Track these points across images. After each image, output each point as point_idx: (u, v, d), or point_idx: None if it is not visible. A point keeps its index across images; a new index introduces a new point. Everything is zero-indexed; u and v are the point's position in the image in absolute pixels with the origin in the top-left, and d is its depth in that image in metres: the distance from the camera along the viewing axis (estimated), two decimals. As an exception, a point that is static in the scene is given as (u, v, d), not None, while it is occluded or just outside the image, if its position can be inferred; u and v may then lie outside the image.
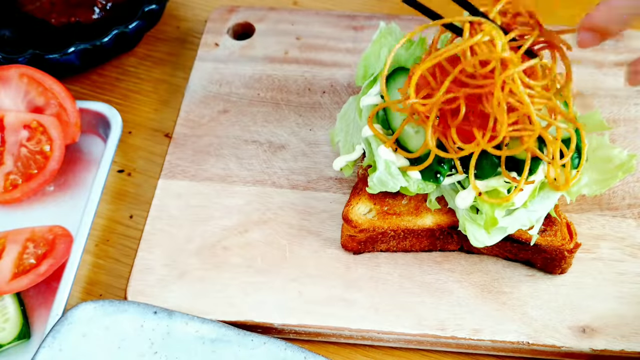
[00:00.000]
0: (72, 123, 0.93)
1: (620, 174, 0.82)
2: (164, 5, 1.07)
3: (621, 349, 0.78)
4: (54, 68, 0.97)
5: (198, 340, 0.77)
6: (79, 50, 0.97)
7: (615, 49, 1.03)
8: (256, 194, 0.90)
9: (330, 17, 1.08)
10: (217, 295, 0.82)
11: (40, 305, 0.84)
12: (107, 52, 1.01)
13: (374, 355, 0.82)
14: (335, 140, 0.90)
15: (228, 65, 1.03)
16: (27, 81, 0.94)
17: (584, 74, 1.00)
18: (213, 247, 0.85)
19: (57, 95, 0.93)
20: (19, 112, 0.93)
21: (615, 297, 0.81)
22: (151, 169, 0.97)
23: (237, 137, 0.95)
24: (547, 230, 0.81)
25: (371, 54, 0.92)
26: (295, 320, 0.80)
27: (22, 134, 0.92)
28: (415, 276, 0.83)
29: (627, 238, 0.86)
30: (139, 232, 0.90)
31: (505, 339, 0.79)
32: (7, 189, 0.90)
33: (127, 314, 0.77)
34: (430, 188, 0.81)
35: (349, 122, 0.89)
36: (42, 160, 0.91)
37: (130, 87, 1.06)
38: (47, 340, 0.75)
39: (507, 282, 0.83)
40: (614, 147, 0.84)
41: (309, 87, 1.00)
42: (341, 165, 0.86)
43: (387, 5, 1.17)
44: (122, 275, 0.87)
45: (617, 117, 0.96)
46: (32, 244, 0.86)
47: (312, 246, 0.85)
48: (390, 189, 0.81)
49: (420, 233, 0.83)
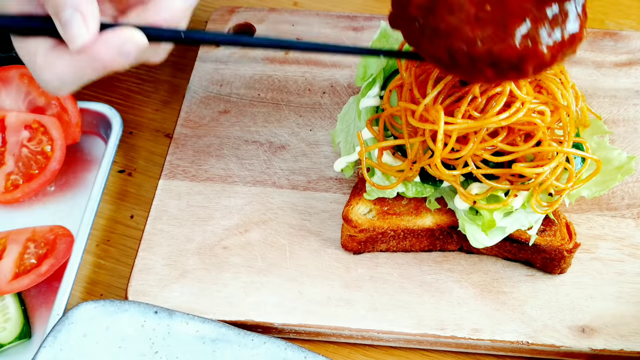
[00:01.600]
0: (73, 123, 0.94)
1: (619, 177, 0.82)
2: None
3: (620, 349, 0.78)
4: None
5: (198, 340, 0.77)
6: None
7: (615, 49, 1.03)
8: (256, 194, 0.90)
9: (330, 18, 1.08)
10: (217, 295, 0.82)
11: (41, 305, 0.84)
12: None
13: (373, 354, 0.82)
14: (336, 141, 0.90)
15: (228, 66, 1.03)
16: (28, 81, 0.94)
17: (583, 75, 1.00)
18: (213, 247, 0.86)
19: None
20: (20, 113, 0.93)
21: (614, 297, 0.81)
22: (152, 169, 0.97)
23: (237, 138, 0.95)
24: (547, 231, 0.81)
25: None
26: (296, 320, 0.80)
27: (23, 134, 0.92)
28: (415, 276, 0.83)
29: (626, 238, 0.86)
30: (139, 232, 0.90)
31: (505, 338, 0.79)
32: (8, 189, 0.90)
33: (127, 313, 0.78)
34: (428, 192, 0.81)
35: (350, 122, 0.90)
36: (43, 160, 0.92)
37: (131, 87, 1.06)
38: (48, 340, 0.75)
39: (506, 282, 0.83)
40: (613, 149, 0.84)
41: (309, 88, 1.01)
42: (342, 167, 0.86)
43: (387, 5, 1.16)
44: (123, 275, 0.87)
45: (617, 117, 0.96)
46: (33, 243, 0.86)
47: (312, 246, 0.86)
48: (388, 195, 0.81)
49: (420, 233, 0.83)
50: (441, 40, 0.64)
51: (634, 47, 1.03)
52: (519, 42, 0.63)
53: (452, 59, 0.65)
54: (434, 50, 0.65)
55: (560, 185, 0.76)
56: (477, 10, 0.64)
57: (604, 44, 1.04)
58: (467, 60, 0.64)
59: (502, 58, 0.63)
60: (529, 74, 0.65)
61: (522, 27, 0.63)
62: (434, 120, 0.72)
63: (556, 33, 0.64)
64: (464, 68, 0.65)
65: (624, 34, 1.05)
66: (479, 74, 0.65)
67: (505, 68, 0.64)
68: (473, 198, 0.77)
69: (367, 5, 1.17)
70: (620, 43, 1.04)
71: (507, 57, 0.63)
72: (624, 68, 1.01)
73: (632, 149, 0.93)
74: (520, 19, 0.63)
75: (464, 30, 0.64)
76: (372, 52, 0.79)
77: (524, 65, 0.64)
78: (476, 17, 0.64)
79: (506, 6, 0.64)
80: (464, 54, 0.64)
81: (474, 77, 0.66)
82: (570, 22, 0.64)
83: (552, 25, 0.64)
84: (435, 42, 0.65)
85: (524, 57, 0.63)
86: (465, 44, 0.63)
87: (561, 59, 0.65)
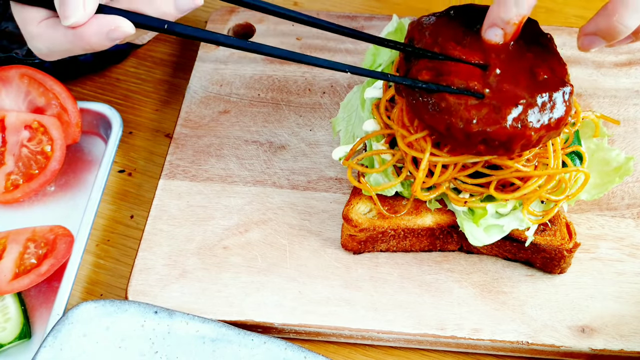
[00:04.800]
0: (73, 123, 0.93)
1: (617, 179, 0.82)
2: None
3: (620, 349, 0.78)
4: (68, 68, 0.98)
5: (198, 340, 0.77)
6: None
7: (615, 49, 1.03)
8: (256, 194, 0.90)
9: (330, 18, 1.08)
10: (217, 295, 0.82)
11: (41, 305, 0.84)
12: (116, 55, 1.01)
13: (373, 354, 0.82)
14: (337, 129, 0.90)
15: (228, 66, 1.03)
16: (28, 82, 0.94)
17: (583, 75, 1.00)
18: (213, 247, 0.86)
19: (58, 95, 0.94)
20: (20, 113, 0.93)
21: (614, 297, 0.81)
22: (152, 169, 0.97)
23: (237, 138, 0.95)
24: (547, 230, 0.81)
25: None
26: (296, 320, 0.80)
27: (23, 134, 0.92)
28: (415, 276, 0.83)
29: (626, 238, 0.86)
30: (139, 232, 0.90)
31: (505, 338, 0.79)
32: (8, 189, 0.90)
33: (127, 313, 0.78)
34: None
35: (352, 111, 0.90)
36: (43, 160, 0.92)
37: (130, 87, 1.06)
38: (48, 340, 0.75)
39: (506, 282, 0.83)
40: (612, 149, 0.84)
41: (309, 88, 1.01)
42: (340, 155, 0.85)
43: (387, 6, 1.17)
44: (123, 275, 0.87)
45: (616, 117, 0.96)
46: (33, 243, 0.86)
47: (312, 246, 0.86)
48: (386, 192, 0.81)
49: (420, 232, 0.83)
50: (441, 116, 0.71)
51: (635, 46, 1.03)
52: (510, 125, 0.70)
53: (449, 133, 0.71)
54: (433, 123, 0.72)
55: (551, 198, 0.78)
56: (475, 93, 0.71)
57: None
58: (463, 135, 0.71)
59: (494, 137, 0.70)
60: (516, 152, 0.72)
61: (514, 111, 0.70)
62: (421, 149, 0.77)
63: (544, 117, 0.71)
64: (459, 142, 0.72)
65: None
66: (472, 148, 0.72)
67: (495, 146, 0.71)
68: (464, 200, 0.78)
69: (367, 5, 1.17)
70: (620, 43, 1.04)
71: (498, 137, 0.70)
72: (624, 68, 1.02)
73: (632, 149, 0.93)
74: (513, 105, 0.71)
75: (462, 110, 0.70)
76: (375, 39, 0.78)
77: (512, 145, 0.71)
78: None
79: (503, 92, 0.71)
80: (460, 130, 0.71)
81: (467, 150, 0.73)
82: (557, 109, 0.72)
83: (541, 111, 0.71)
84: (435, 117, 0.72)
85: (513, 138, 0.70)
86: (462, 122, 0.70)
87: (547, 140, 0.73)
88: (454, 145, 0.74)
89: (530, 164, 0.77)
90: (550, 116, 0.71)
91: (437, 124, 0.72)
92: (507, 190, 0.78)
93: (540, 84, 0.72)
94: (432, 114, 0.72)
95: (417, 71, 0.74)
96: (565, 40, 1.04)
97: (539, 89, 0.72)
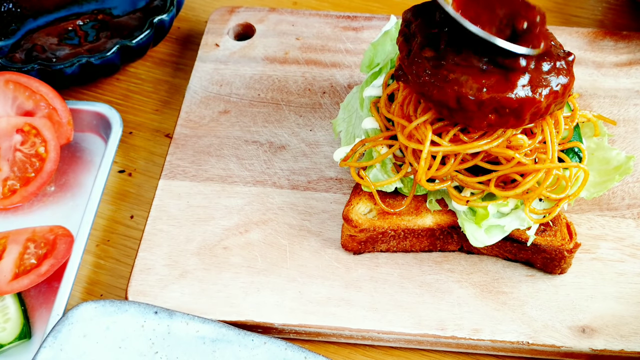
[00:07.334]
0: (64, 122, 0.93)
1: (617, 177, 0.82)
2: (173, 17, 1.05)
3: (620, 349, 0.78)
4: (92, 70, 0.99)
5: (198, 340, 0.77)
6: (118, 49, 0.98)
7: (615, 49, 1.03)
8: (256, 194, 0.90)
9: (330, 18, 1.08)
10: (217, 295, 0.82)
11: (41, 305, 0.84)
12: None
13: (373, 355, 0.82)
14: (337, 130, 0.90)
15: (228, 66, 1.03)
16: (14, 87, 0.93)
17: (583, 75, 1.00)
18: (213, 247, 0.86)
19: (45, 96, 0.93)
20: (10, 117, 0.92)
21: (614, 297, 0.81)
22: (152, 169, 0.97)
23: (237, 138, 0.95)
24: (547, 231, 0.81)
25: (379, 43, 0.92)
26: (296, 320, 0.80)
27: (16, 138, 0.92)
28: (415, 276, 0.83)
29: (626, 238, 0.86)
30: (139, 232, 0.90)
31: (505, 338, 0.79)
32: (6, 195, 0.90)
33: (127, 314, 0.77)
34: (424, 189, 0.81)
35: (352, 112, 0.90)
36: (38, 162, 0.91)
37: (130, 87, 1.06)
38: (48, 340, 0.75)
39: (507, 282, 0.83)
40: (612, 149, 0.84)
41: (309, 88, 1.01)
42: (342, 157, 0.85)
43: (387, 6, 1.17)
44: (123, 275, 0.87)
45: (617, 117, 0.96)
46: (33, 244, 0.86)
47: (313, 246, 0.85)
48: (385, 188, 0.81)
49: (421, 233, 0.83)
50: (451, 87, 0.72)
51: (634, 47, 1.03)
52: (519, 92, 0.72)
53: (460, 105, 0.72)
54: (443, 97, 0.72)
55: (552, 196, 0.78)
56: (483, 64, 0.72)
57: (604, 44, 1.04)
58: (475, 105, 0.71)
59: (505, 104, 0.71)
60: (526, 121, 0.73)
61: (523, 78, 0.72)
62: (421, 140, 0.77)
63: (551, 83, 0.73)
64: (470, 113, 0.72)
65: (624, 34, 1.05)
66: (483, 119, 0.71)
67: (506, 114, 0.72)
68: (466, 199, 0.78)
69: (367, 5, 1.17)
70: (620, 43, 1.04)
71: (509, 104, 0.71)
72: (624, 68, 1.02)
73: (632, 149, 0.93)
74: (521, 72, 0.72)
75: (471, 80, 0.72)
76: None
77: (523, 112, 0.72)
78: (482, 69, 0.72)
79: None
80: (472, 101, 0.71)
81: (478, 122, 0.73)
82: (561, 76, 0.74)
83: (547, 77, 0.73)
84: (444, 90, 0.72)
85: (523, 104, 0.72)
86: (472, 91, 0.71)
87: (554, 108, 0.74)
88: (463, 119, 0.74)
89: (529, 159, 0.77)
90: (557, 82, 0.73)
91: (447, 97, 0.72)
92: (508, 188, 0.77)
93: (542, 55, 0.73)
94: (441, 87, 0.72)
95: (420, 48, 0.74)
96: (566, 40, 1.04)
97: (542, 57, 0.73)
